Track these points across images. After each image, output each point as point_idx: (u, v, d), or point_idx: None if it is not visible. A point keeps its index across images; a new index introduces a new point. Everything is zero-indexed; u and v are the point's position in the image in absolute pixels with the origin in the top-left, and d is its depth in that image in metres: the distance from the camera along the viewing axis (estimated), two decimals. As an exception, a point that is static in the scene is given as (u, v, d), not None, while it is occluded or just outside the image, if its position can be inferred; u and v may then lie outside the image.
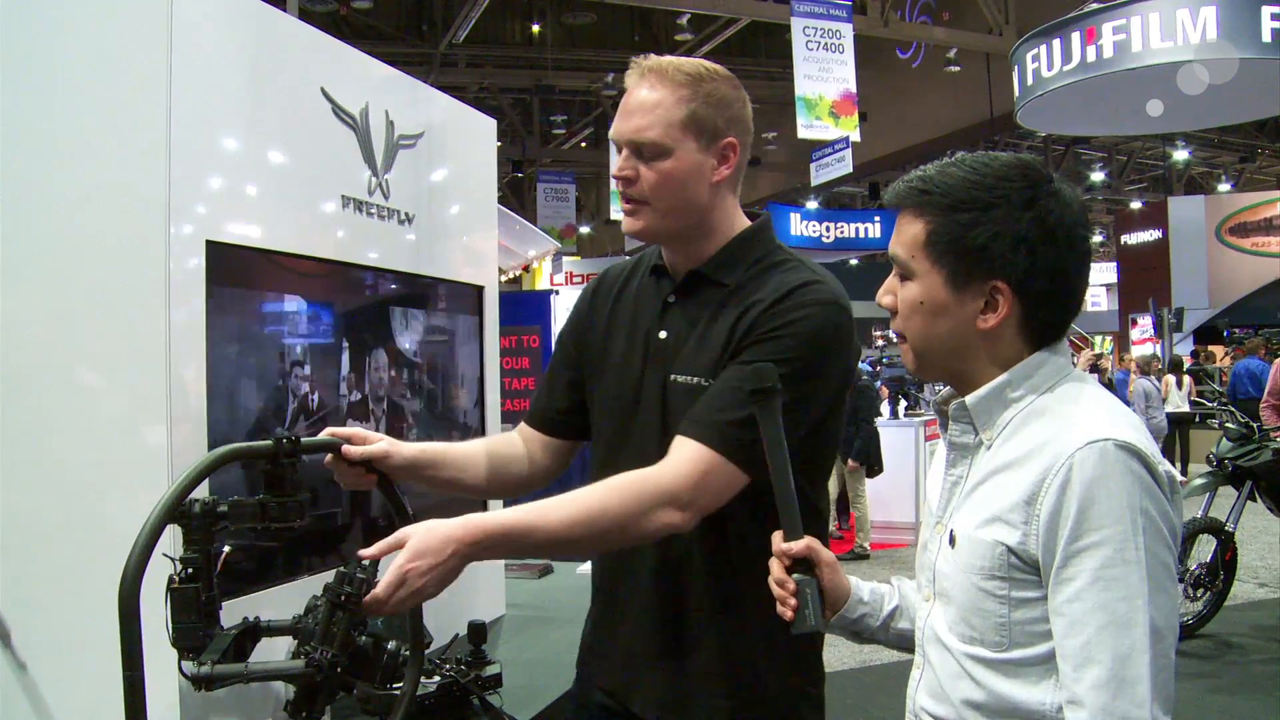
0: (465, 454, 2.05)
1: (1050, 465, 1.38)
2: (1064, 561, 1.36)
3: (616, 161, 1.92)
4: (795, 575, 1.57)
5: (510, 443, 2.14)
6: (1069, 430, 1.40)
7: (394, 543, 1.62)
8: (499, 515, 1.73)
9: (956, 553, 1.49)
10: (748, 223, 1.99)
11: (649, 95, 1.87)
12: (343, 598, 1.63)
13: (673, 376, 1.89)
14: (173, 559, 1.60)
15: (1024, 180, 1.47)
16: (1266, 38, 9.79)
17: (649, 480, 1.76)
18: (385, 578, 1.59)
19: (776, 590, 1.58)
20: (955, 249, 1.47)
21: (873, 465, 9.63)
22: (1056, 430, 1.42)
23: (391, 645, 1.78)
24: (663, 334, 1.94)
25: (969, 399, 1.52)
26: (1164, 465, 1.39)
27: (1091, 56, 10.68)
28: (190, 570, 1.59)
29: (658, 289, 2.00)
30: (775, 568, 1.59)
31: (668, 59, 1.92)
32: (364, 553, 1.61)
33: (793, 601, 1.55)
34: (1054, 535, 1.37)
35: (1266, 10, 9.81)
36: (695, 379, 1.86)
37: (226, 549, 1.66)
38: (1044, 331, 1.51)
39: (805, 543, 1.58)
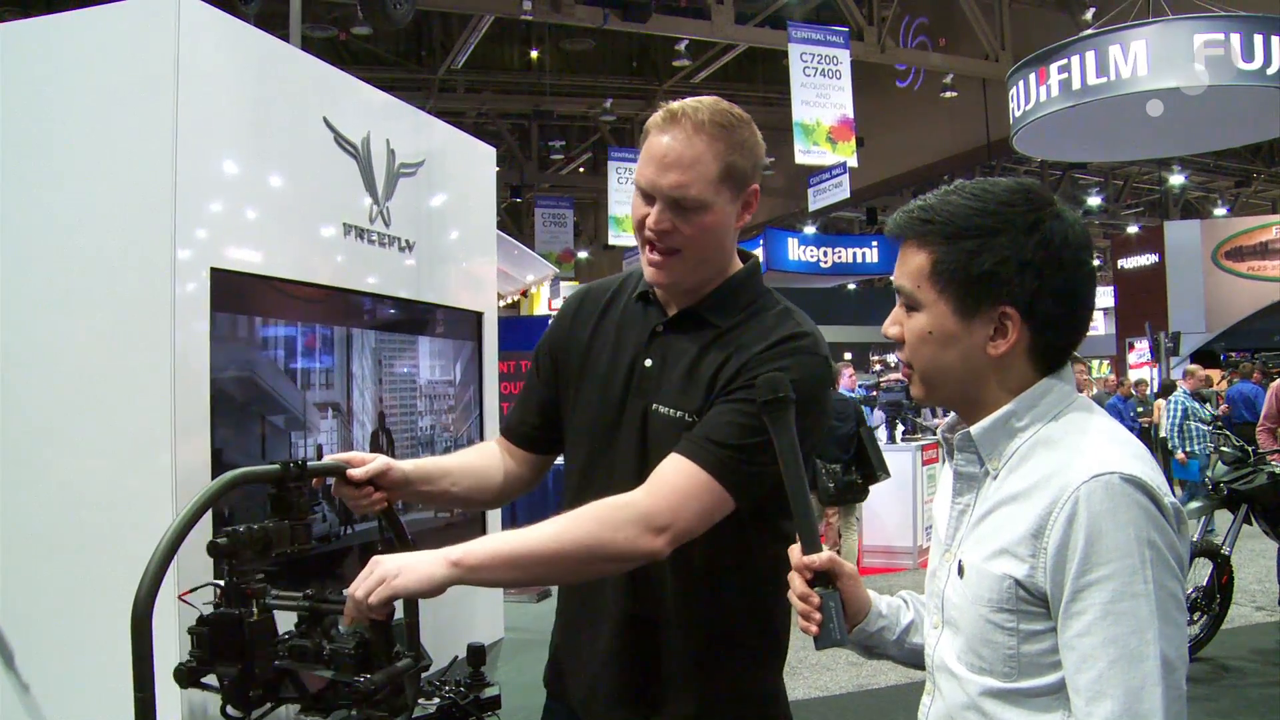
0: (454, 467, 2.08)
1: (1056, 498, 1.37)
2: (1073, 595, 1.35)
3: (647, 210, 1.88)
4: (818, 589, 1.55)
5: (489, 453, 2.16)
6: (1075, 463, 1.39)
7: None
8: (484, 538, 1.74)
9: (965, 583, 1.48)
10: (739, 263, 2.01)
11: (687, 150, 1.83)
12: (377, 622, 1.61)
13: (654, 406, 1.90)
14: (216, 585, 1.62)
15: (1027, 205, 1.46)
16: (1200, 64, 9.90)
17: (626, 502, 1.75)
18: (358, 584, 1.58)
19: (800, 605, 1.56)
20: (961, 277, 1.46)
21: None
22: (1062, 462, 1.41)
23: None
24: (648, 362, 1.94)
25: (974, 430, 1.51)
26: (1169, 497, 1.38)
27: (1043, 97, 10.94)
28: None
29: (645, 316, 2.00)
30: (797, 582, 1.57)
31: (693, 104, 1.88)
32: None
33: (817, 616, 1.54)
34: (1062, 569, 1.36)
35: (1199, 39, 9.95)
36: (679, 413, 1.87)
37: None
38: (1051, 356, 1.50)
39: (828, 556, 1.57)
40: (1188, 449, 11.81)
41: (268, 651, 1.62)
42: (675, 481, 1.76)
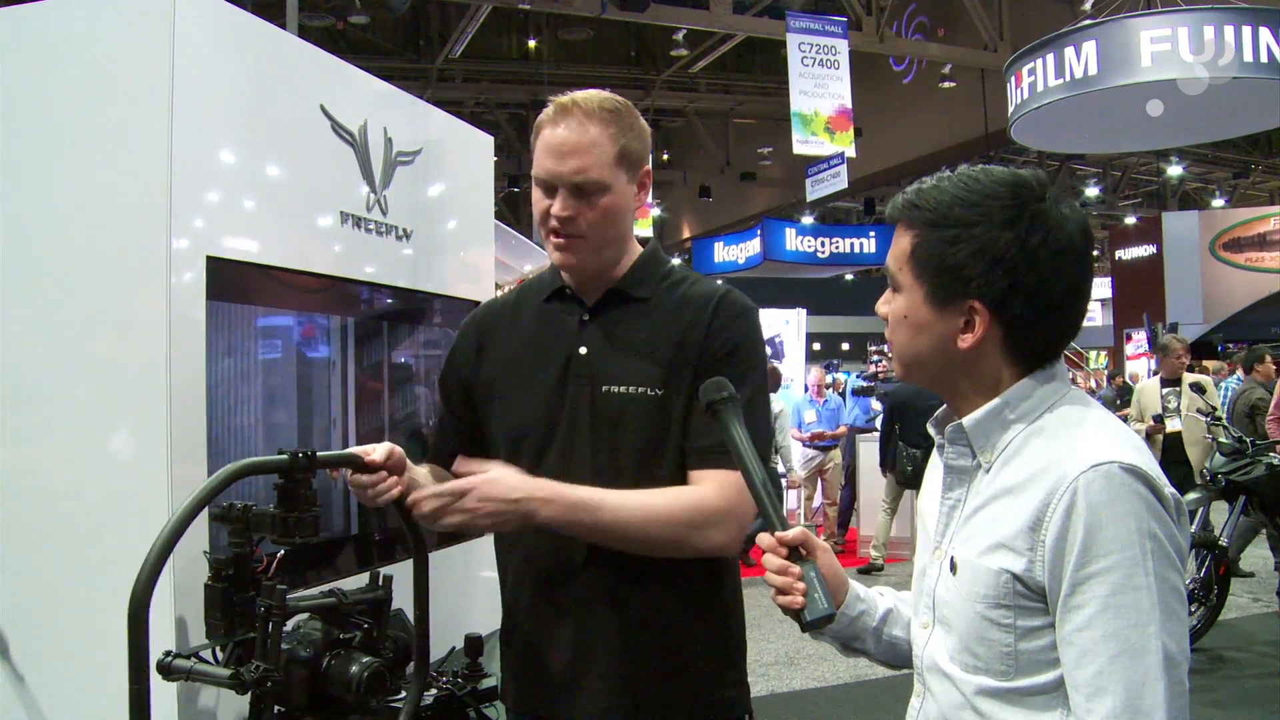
0: (428, 471, 2.09)
1: (1054, 489, 1.34)
2: (1072, 589, 1.32)
3: (549, 201, 1.93)
4: (795, 562, 1.49)
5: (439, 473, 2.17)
6: (1072, 453, 1.36)
7: (457, 487, 1.78)
8: (573, 486, 1.85)
9: (958, 580, 1.45)
10: (639, 247, 2.09)
11: (583, 137, 1.91)
12: (264, 610, 1.59)
13: (604, 388, 1.94)
14: (209, 556, 1.61)
15: (1011, 198, 1.42)
16: (1146, 61, 9.94)
17: (700, 500, 1.87)
18: (448, 485, 1.76)
19: (779, 580, 1.48)
20: (934, 266, 1.44)
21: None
22: (1059, 453, 1.38)
23: (362, 663, 1.67)
24: (583, 350, 1.98)
25: (966, 421, 1.48)
26: (1169, 487, 1.35)
27: (1024, 96, 11.01)
28: (230, 570, 1.60)
29: (565, 311, 2.04)
30: (773, 560, 1.50)
31: (583, 95, 1.97)
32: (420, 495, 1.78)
33: (801, 586, 1.46)
34: (1060, 561, 1.33)
35: (1146, 35, 9.98)
36: (638, 388, 1.93)
37: (281, 551, 1.66)
38: (1032, 354, 1.46)
39: (800, 530, 1.51)
40: None
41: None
42: (727, 484, 1.86)
